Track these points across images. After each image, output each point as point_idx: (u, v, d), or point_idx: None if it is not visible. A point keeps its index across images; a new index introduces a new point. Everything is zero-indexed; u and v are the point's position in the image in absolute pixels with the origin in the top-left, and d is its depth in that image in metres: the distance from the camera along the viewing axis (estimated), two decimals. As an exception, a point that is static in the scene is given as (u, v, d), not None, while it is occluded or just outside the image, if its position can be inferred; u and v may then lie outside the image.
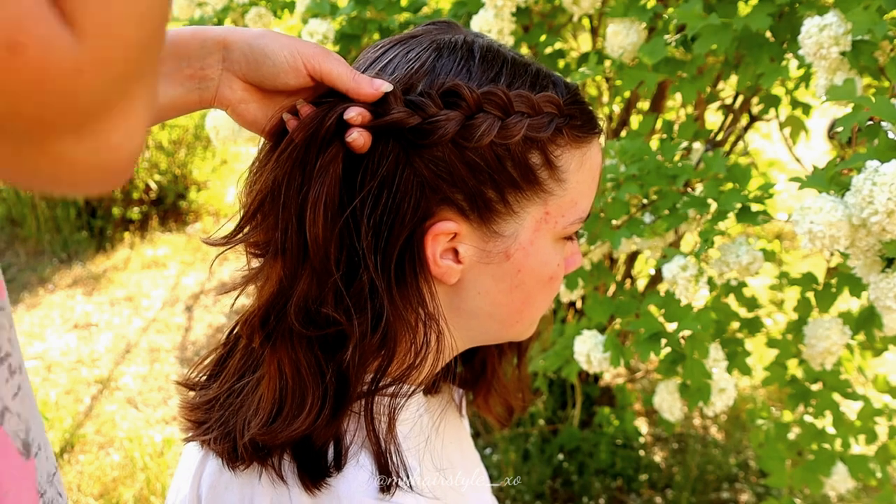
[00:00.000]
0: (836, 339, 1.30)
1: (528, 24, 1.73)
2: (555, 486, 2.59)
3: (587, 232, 1.35)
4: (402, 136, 0.61)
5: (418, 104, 0.61)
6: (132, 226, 4.85)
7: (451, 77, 0.62)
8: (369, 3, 1.72)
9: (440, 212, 0.63)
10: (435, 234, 0.63)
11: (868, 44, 1.10)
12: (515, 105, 0.62)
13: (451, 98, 0.61)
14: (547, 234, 0.67)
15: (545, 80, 0.66)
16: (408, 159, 0.61)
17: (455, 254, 0.65)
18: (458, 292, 0.67)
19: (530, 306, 0.70)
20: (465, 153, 0.61)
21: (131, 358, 3.47)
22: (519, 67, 0.65)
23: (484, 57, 0.64)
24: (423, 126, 0.60)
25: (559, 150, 0.65)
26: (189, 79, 0.64)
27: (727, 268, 1.27)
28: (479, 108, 0.61)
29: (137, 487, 2.58)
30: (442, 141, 0.60)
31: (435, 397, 0.82)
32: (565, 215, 0.67)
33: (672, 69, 1.46)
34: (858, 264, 1.04)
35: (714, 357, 1.28)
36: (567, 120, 0.65)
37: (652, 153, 1.34)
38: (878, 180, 0.88)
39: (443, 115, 0.60)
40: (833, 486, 1.42)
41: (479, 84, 0.62)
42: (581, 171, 0.67)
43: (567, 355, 1.57)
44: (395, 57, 0.65)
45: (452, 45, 0.65)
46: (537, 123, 0.63)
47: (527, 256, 0.66)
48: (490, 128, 0.61)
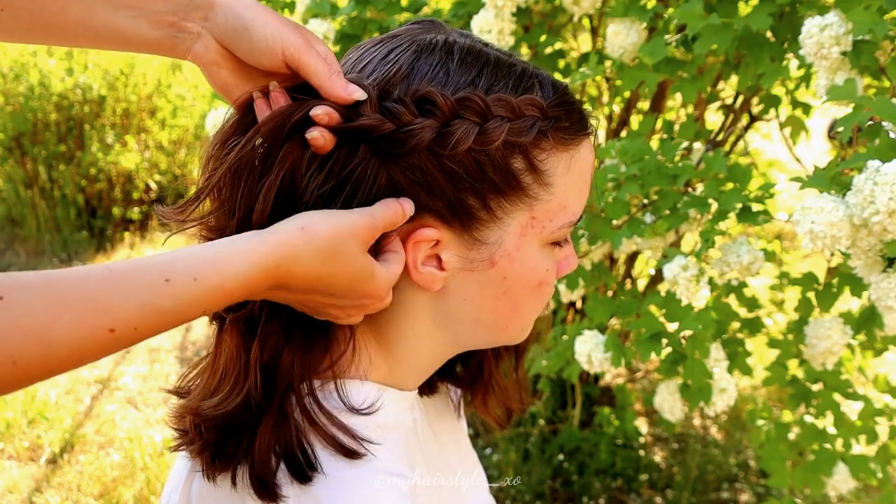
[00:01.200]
0: (838, 339, 1.31)
1: (529, 24, 1.73)
2: (555, 486, 2.59)
3: (587, 232, 1.35)
4: (374, 143, 0.59)
5: (393, 111, 0.59)
6: (132, 226, 4.85)
7: (426, 81, 0.60)
8: (369, 3, 1.72)
9: (420, 219, 0.61)
10: (415, 242, 0.62)
11: (869, 44, 1.09)
12: (494, 109, 0.60)
13: (425, 105, 0.59)
14: (534, 240, 0.65)
15: (530, 81, 0.63)
16: (381, 166, 0.60)
17: (438, 261, 0.64)
18: (443, 299, 0.66)
19: (519, 313, 0.68)
20: (443, 161, 0.59)
21: (131, 358, 3.47)
22: (502, 68, 0.63)
23: (463, 59, 0.62)
24: (397, 135, 0.59)
25: (543, 153, 0.62)
26: (170, 25, 0.62)
27: (728, 268, 1.27)
28: (454, 115, 0.59)
29: (137, 487, 2.58)
30: (417, 150, 0.59)
31: (431, 398, 0.82)
32: (553, 220, 0.65)
33: (672, 69, 1.46)
34: (859, 264, 1.04)
35: (715, 357, 1.28)
36: (552, 123, 0.62)
37: (653, 153, 1.34)
38: (880, 180, 0.88)
39: (417, 123, 0.58)
40: (834, 487, 1.42)
41: (455, 88, 0.60)
42: (569, 174, 0.64)
43: (568, 356, 1.57)
44: (374, 58, 0.63)
45: (432, 46, 0.63)
46: (518, 128, 0.60)
47: (512, 263, 0.64)
48: (467, 134, 0.59)
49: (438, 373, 0.79)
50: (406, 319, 0.67)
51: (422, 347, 0.69)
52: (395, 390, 0.69)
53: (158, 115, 4.95)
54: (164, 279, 0.49)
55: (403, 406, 0.70)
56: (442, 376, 0.83)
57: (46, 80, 4.55)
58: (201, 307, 0.51)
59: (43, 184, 4.66)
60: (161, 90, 4.97)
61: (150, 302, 0.49)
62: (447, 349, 0.71)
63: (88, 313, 0.47)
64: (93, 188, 4.72)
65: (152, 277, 0.49)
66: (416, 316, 0.67)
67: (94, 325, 0.47)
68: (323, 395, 0.63)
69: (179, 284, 0.50)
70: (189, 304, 0.50)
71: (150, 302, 0.49)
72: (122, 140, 4.76)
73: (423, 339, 0.68)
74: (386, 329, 0.68)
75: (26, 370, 0.45)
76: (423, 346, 0.69)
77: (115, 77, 4.71)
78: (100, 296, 0.48)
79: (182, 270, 0.50)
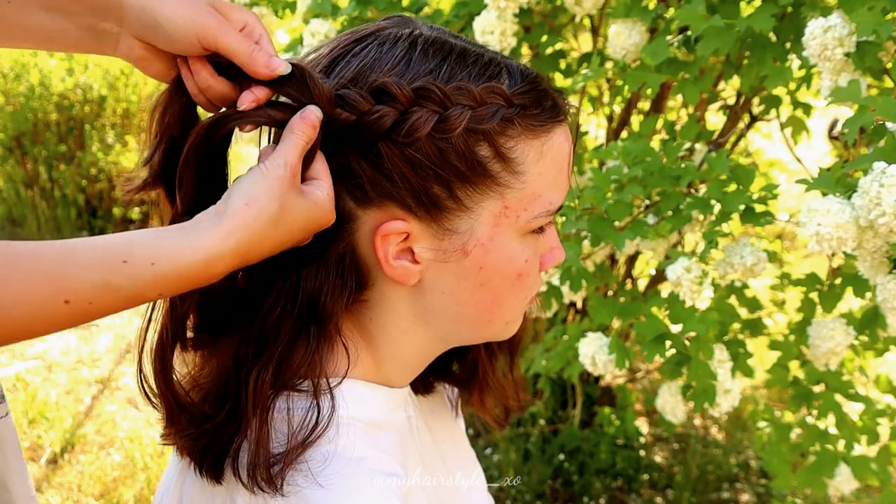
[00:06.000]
0: (840, 340, 1.31)
1: (530, 24, 1.73)
2: (555, 486, 2.59)
3: (590, 233, 1.35)
4: (334, 134, 0.60)
5: (348, 100, 0.60)
6: (132, 226, 4.84)
7: (385, 72, 0.61)
8: (370, 3, 1.72)
9: (388, 210, 0.62)
10: (384, 235, 0.62)
11: (873, 45, 1.09)
12: (454, 98, 0.60)
13: (382, 95, 0.60)
14: (509, 230, 0.64)
15: (496, 69, 0.63)
16: (341, 156, 0.61)
17: (411, 254, 0.64)
18: (422, 293, 0.66)
19: (501, 306, 0.67)
20: (404, 150, 0.60)
21: (131, 358, 3.47)
22: (467, 58, 0.63)
23: (426, 50, 0.62)
24: (358, 124, 0.60)
25: (511, 141, 0.62)
26: (87, 28, 0.63)
27: (731, 269, 1.26)
28: (412, 104, 0.60)
29: (138, 487, 2.58)
30: (376, 138, 0.60)
31: (427, 397, 0.82)
32: (528, 209, 0.64)
33: (674, 70, 1.45)
34: (865, 265, 1.04)
35: (719, 358, 1.28)
36: (518, 110, 0.62)
37: (655, 154, 1.34)
38: (886, 182, 0.88)
39: (375, 111, 0.59)
40: (837, 487, 1.42)
41: (413, 77, 0.61)
42: (541, 162, 0.64)
43: (569, 356, 1.57)
44: (341, 55, 0.64)
45: (396, 38, 0.63)
46: (480, 115, 0.60)
47: (486, 253, 0.64)
48: (425, 121, 0.59)
49: (434, 372, 0.79)
50: (387, 315, 0.67)
51: (405, 343, 0.69)
52: (385, 388, 0.69)
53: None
54: (123, 260, 0.51)
55: (395, 404, 0.70)
56: (437, 375, 0.82)
57: (47, 80, 4.55)
58: (157, 290, 0.53)
59: (43, 184, 4.66)
60: (161, 90, 4.95)
61: (106, 279, 0.50)
62: (433, 345, 0.71)
63: (42, 281, 0.48)
64: (93, 188, 4.71)
65: (111, 256, 0.51)
66: (396, 311, 0.67)
67: (47, 293, 0.48)
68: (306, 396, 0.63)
69: (137, 267, 0.51)
70: (146, 285, 0.52)
71: (106, 279, 0.50)
72: (122, 140, 4.75)
73: (406, 335, 0.68)
74: (370, 326, 0.68)
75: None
76: (406, 341, 0.68)
77: (115, 77, 4.70)
78: (55, 266, 0.49)
79: (140, 254, 0.52)
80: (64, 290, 0.49)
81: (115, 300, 0.51)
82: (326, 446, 0.61)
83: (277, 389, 0.62)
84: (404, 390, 0.72)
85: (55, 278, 0.48)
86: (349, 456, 0.62)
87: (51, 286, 0.48)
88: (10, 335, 0.48)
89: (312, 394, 0.63)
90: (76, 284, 0.49)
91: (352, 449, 0.62)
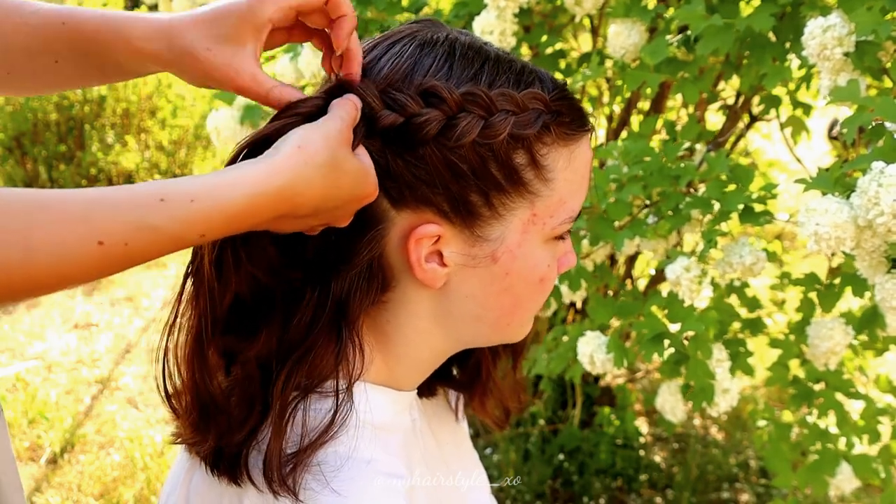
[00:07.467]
0: (840, 339, 1.31)
1: (530, 24, 1.73)
2: (555, 486, 2.59)
3: (589, 233, 1.35)
4: (383, 135, 0.60)
5: (399, 102, 0.60)
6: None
7: (430, 75, 0.61)
8: (370, 3, 1.72)
9: (422, 214, 0.62)
10: (417, 238, 0.62)
11: (872, 44, 1.09)
12: (498, 103, 0.60)
13: (431, 98, 0.60)
14: (535, 236, 0.65)
15: (530, 77, 0.64)
16: (382, 156, 0.60)
17: (440, 257, 0.64)
18: (445, 296, 0.66)
19: (521, 308, 0.68)
20: (447, 155, 0.60)
21: (131, 358, 3.47)
22: (502, 65, 0.63)
23: (465, 55, 0.63)
24: (406, 126, 0.59)
25: (546, 148, 0.63)
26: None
27: (730, 268, 1.26)
28: (460, 108, 0.60)
29: (138, 487, 2.58)
30: (425, 140, 0.59)
31: (430, 400, 0.82)
32: (554, 215, 0.65)
33: (674, 70, 1.46)
34: (864, 265, 1.04)
35: (717, 357, 1.28)
36: (555, 117, 0.63)
37: (655, 154, 1.34)
38: (884, 181, 0.88)
39: (424, 114, 0.59)
40: (838, 486, 1.42)
41: (458, 83, 0.61)
42: (568, 169, 0.65)
43: (570, 357, 1.57)
44: (376, 56, 0.64)
45: (434, 42, 0.63)
46: (523, 120, 0.61)
47: (514, 259, 0.64)
48: (472, 127, 0.59)
49: (435, 376, 0.79)
50: (406, 317, 0.67)
51: (423, 346, 0.69)
52: (394, 391, 0.69)
53: (159, 115, 4.95)
54: (160, 198, 0.48)
55: (402, 407, 0.70)
56: (439, 380, 0.82)
57: (46, 80, 4.55)
58: (198, 230, 0.50)
59: (43, 184, 4.66)
60: (161, 90, 4.96)
61: (143, 218, 0.47)
62: (448, 347, 0.71)
63: (73, 222, 0.45)
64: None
65: (146, 196, 0.48)
66: (416, 313, 0.67)
67: (79, 235, 0.45)
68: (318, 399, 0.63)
69: (175, 204, 0.48)
70: (185, 224, 0.49)
71: (142, 218, 0.47)
72: (122, 140, 4.76)
73: (423, 336, 0.68)
74: (387, 329, 0.68)
75: (7, 276, 0.43)
76: (424, 344, 0.69)
77: (114, 77, 4.70)
78: (87, 207, 0.46)
79: (179, 191, 0.49)
80: (97, 231, 0.45)
81: (153, 241, 0.48)
82: (338, 448, 0.61)
83: (303, 391, 0.62)
84: (411, 394, 0.72)
85: (87, 219, 0.45)
86: (359, 458, 0.62)
87: (83, 227, 0.45)
88: (41, 283, 0.45)
89: (333, 395, 0.63)
90: (110, 224, 0.46)
91: (362, 451, 0.62)
